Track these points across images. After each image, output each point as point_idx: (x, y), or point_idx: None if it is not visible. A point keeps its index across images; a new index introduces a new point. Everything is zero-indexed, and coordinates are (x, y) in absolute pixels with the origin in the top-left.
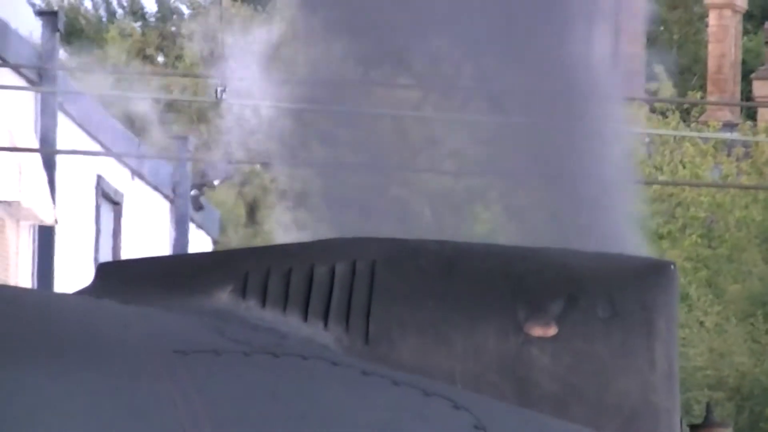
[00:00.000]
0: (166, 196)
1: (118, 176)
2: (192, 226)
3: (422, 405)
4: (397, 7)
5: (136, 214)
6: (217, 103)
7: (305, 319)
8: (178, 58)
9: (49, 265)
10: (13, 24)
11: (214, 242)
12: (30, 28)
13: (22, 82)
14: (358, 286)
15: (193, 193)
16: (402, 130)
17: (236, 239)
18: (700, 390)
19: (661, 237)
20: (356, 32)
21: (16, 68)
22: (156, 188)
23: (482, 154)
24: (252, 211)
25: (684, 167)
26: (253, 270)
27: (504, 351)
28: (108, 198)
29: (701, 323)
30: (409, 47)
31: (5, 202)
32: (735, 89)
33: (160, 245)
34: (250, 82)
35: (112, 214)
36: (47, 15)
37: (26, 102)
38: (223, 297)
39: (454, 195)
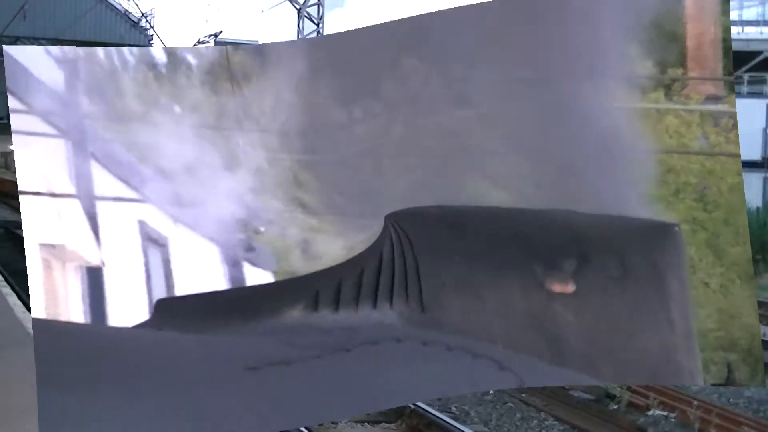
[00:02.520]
0: (212, 240)
1: (161, 220)
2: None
3: (471, 368)
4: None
5: (185, 255)
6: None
7: (374, 306)
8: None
9: (101, 305)
10: None
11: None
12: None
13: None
14: (408, 261)
15: (241, 236)
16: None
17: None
18: (714, 351)
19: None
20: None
21: None
22: (202, 232)
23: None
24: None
25: (670, 137)
26: (324, 286)
27: (531, 307)
28: (153, 241)
29: (706, 284)
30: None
31: (49, 244)
32: (716, 65)
33: (213, 286)
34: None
35: (160, 256)
36: None
37: (60, 148)
38: (295, 314)
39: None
